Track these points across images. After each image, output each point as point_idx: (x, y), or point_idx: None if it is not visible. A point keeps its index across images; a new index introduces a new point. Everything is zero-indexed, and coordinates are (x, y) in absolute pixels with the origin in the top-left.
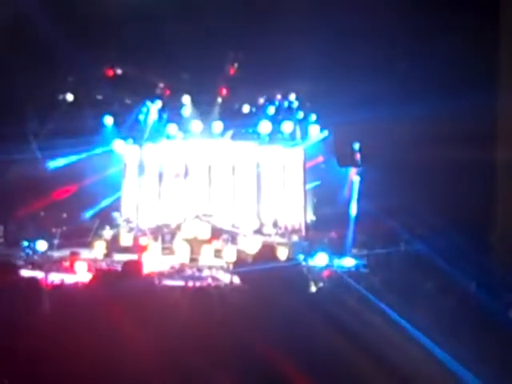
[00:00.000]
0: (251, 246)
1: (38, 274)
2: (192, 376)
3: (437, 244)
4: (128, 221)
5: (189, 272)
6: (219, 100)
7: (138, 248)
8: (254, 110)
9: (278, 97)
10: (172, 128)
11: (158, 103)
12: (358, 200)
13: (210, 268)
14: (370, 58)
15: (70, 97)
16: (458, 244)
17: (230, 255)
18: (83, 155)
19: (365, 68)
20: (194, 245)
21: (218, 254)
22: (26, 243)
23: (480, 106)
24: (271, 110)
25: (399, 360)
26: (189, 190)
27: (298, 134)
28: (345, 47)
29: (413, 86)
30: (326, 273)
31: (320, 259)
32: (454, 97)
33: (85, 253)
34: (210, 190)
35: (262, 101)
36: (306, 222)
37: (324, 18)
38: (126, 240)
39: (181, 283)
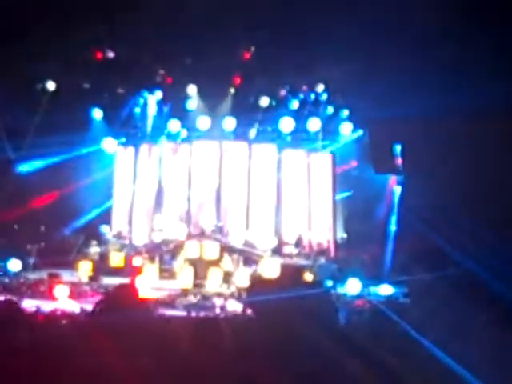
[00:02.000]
0: (268, 269)
1: (10, 300)
2: None
3: (493, 265)
4: (119, 236)
5: (192, 300)
6: (232, 91)
7: (131, 270)
8: (273, 103)
9: (304, 88)
10: (174, 124)
11: (158, 94)
12: (399, 214)
13: (218, 295)
14: (413, 40)
15: (51, 85)
16: None
17: (242, 280)
18: (66, 156)
19: (408, 53)
20: (199, 267)
21: (227, 278)
22: None
23: None
24: (295, 104)
25: None
26: (193, 201)
27: (327, 133)
28: (385, 26)
29: (462, 76)
30: (358, 303)
31: (352, 286)
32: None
33: (66, 275)
34: (220, 200)
35: (283, 93)
36: (335, 241)
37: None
38: (116, 260)
39: (182, 313)
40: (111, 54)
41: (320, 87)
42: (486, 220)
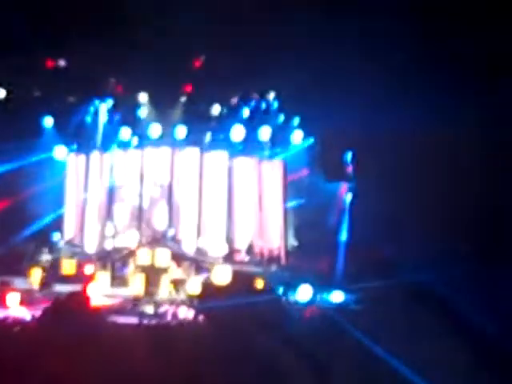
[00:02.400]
0: (220, 276)
1: None
2: None
3: (443, 274)
4: (71, 244)
5: (145, 308)
6: (183, 99)
7: (82, 277)
8: (225, 111)
9: (255, 96)
10: (125, 132)
11: (109, 102)
12: (350, 222)
13: (170, 303)
14: (364, 51)
15: (1, 93)
16: (466, 273)
17: (193, 287)
18: (17, 164)
19: (359, 62)
20: (151, 274)
21: (179, 285)
22: None
23: (489, 110)
24: (246, 112)
25: None
26: (145, 208)
27: (278, 141)
28: (336, 37)
29: (413, 85)
30: (309, 309)
31: (303, 293)
32: (461, 99)
33: (18, 282)
34: (171, 207)
35: (234, 101)
36: (286, 248)
37: (309, 5)
38: (68, 267)
39: (135, 321)
40: (62, 63)
41: (271, 95)
42: (436, 229)
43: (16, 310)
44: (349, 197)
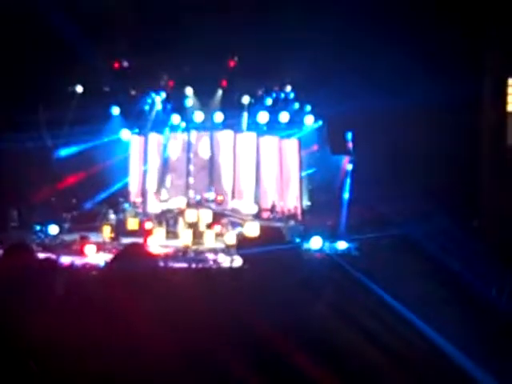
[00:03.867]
0: (250, 229)
1: (50, 256)
2: (195, 351)
3: (422, 227)
4: (134, 206)
5: (192, 255)
6: (220, 91)
7: (143, 232)
8: (253, 101)
9: (275, 88)
10: (175, 118)
11: (162, 94)
12: (351, 186)
13: (211, 251)
14: (360, 51)
15: (79, 88)
16: (444, 228)
17: (230, 239)
18: (92, 144)
19: (355, 61)
20: (197, 229)
21: (218, 237)
22: (38, 227)
23: (468, 96)
24: (269, 101)
25: (390, 337)
26: (191, 178)
27: (294, 123)
28: (338, 41)
29: (402, 76)
30: (319, 255)
31: (314, 242)
32: (444, 88)
33: (93, 236)
34: (213, 175)
35: (260, 92)
36: (301, 207)
37: (318, 12)
38: (132, 224)
39: (184, 265)
40: (126, 64)
41: (288, 88)
42: (418, 193)
43: (93, 258)
44: (350, 167)
